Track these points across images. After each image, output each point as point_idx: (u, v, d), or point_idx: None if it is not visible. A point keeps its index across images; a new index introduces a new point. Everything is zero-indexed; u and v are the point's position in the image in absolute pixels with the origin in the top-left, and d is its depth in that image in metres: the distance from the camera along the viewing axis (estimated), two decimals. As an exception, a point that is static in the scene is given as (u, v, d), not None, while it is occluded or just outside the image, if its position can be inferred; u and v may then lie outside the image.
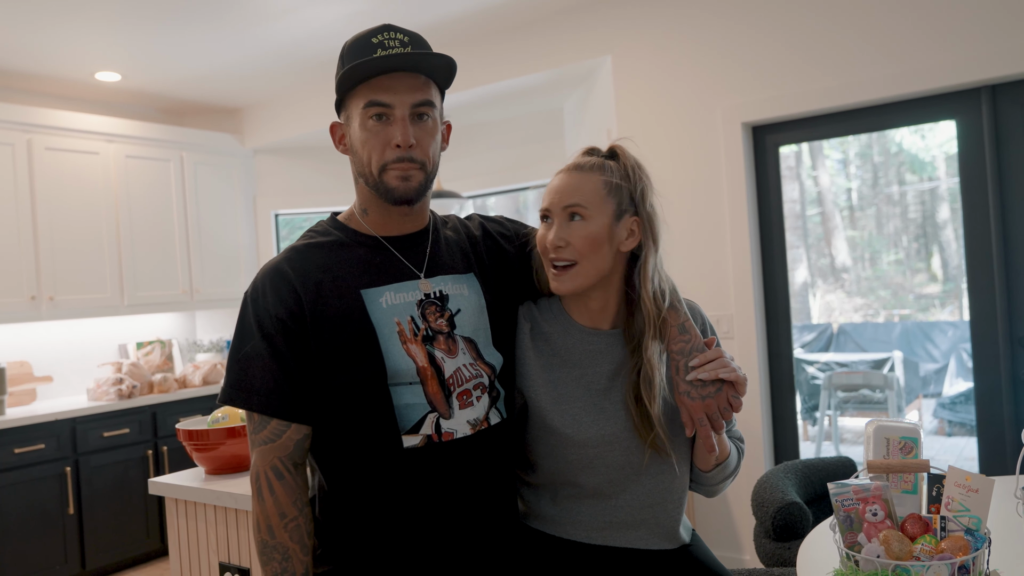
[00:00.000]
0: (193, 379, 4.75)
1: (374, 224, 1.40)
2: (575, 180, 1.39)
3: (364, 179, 1.36)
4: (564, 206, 1.38)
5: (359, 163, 1.35)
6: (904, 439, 1.43)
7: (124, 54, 4.12)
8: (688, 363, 1.35)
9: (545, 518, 1.47)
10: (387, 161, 1.31)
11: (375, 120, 1.30)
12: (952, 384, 6.12)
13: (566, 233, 1.37)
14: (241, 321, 1.33)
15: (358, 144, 1.33)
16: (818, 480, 2.49)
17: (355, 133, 1.34)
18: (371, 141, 1.31)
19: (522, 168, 4.76)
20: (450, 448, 1.32)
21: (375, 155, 1.31)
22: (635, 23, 3.66)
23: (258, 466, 1.30)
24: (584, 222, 1.37)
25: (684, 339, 1.38)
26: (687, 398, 1.33)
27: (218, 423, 2.26)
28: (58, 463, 4.03)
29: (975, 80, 2.90)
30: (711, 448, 1.36)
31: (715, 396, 1.32)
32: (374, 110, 1.30)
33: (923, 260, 6.67)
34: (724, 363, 1.34)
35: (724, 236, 3.46)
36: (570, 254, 1.37)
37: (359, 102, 1.31)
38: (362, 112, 1.31)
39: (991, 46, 2.86)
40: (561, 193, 1.38)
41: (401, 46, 1.31)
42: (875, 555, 1.22)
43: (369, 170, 1.33)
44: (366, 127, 1.31)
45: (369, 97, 1.30)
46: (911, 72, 3.00)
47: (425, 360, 1.31)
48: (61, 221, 4.34)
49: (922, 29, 3.00)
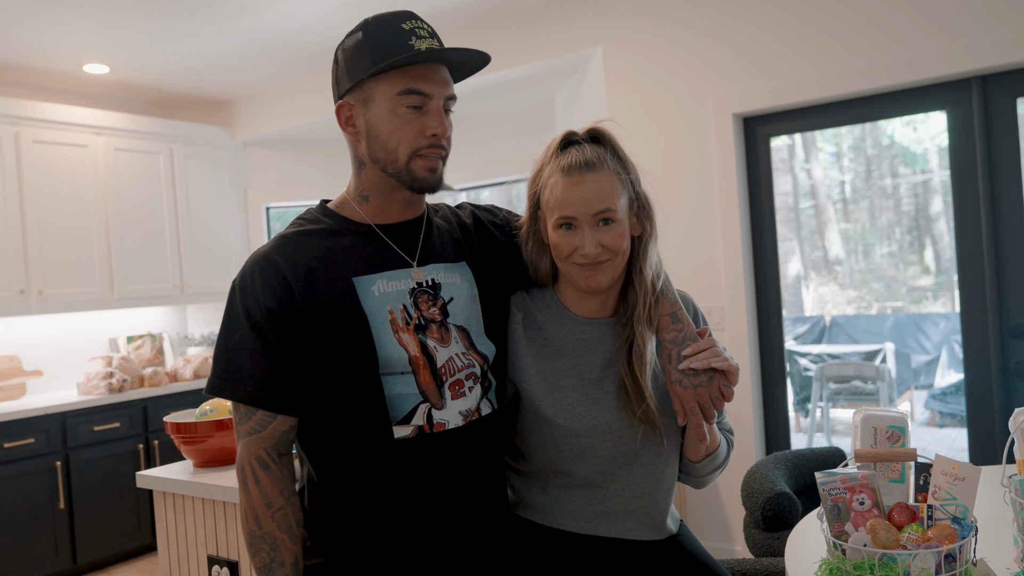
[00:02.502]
0: (184, 373, 4.73)
1: (372, 211, 1.38)
2: (595, 184, 1.34)
3: (383, 165, 1.32)
4: (594, 213, 1.34)
5: (381, 148, 1.31)
6: (891, 428, 1.43)
7: (112, 46, 4.09)
8: (680, 352, 1.35)
9: (535, 507, 1.46)
10: (419, 147, 1.30)
11: (410, 109, 1.29)
12: (943, 375, 6.15)
13: (600, 238, 1.34)
14: (229, 311, 1.31)
15: (383, 130, 1.30)
16: (808, 470, 2.49)
17: (380, 118, 1.30)
18: (403, 128, 1.29)
19: (514, 160, 4.74)
20: (441, 439, 1.31)
21: (405, 142, 1.30)
22: (626, 14, 3.65)
23: (244, 457, 1.29)
24: (615, 224, 1.35)
25: (676, 328, 1.37)
26: (679, 387, 1.33)
27: (206, 416, 2.25)
28: (48, 457, 4.01)
29: (966, 71, 2.90)
30: (702, 437, 1.35)
31: (707, 385, 1.32)
32: (412, 99, 1.28)
33: (916, 252, 6.69)
34: (716, 352, 1.33)
35: (715, 228, 3.45)
36: (606, 255, 1.36)
37: (391, 88, 1.28)
38: (395, 98, 1.28)
39: (981, 36, 2.86)
40: (588, 201, 1.33)
41: (430, 36, 1.31)
42: (862, 544, 1.21)
43: (395, 156, 1.31)
44: (398, 114, 1.29)
45: (407, 85, 1.27)
46: (902, 62, 3.00)
47: (417, 349, 1.30)
48: (50, 215, 4.31)
49: (913, 19, 2.99)
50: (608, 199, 1.34)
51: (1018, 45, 2.79)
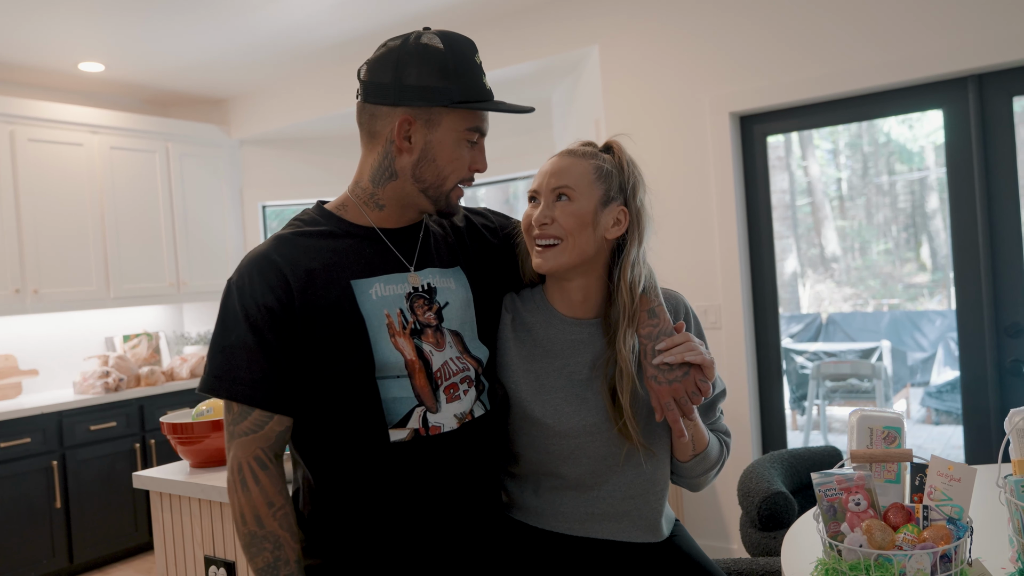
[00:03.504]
0: (180, 372, 4.73)
1: (381, 218, 1.38)
2: (565, 163, 1.40)
3: (426, 186, 1.34)
4: (552, 187, 1.39)
5: (433, 172, 1.33)
6: (887, 428, 1.43)
7: (107, 44, 4.08)
8: (655, 347, 1.35)
9: (528, 509, 1.46)
10: (464, 179, 1.36)
11: (470, 144, 1.35)
12: (940, 373, 6.16)
13: (551, 211, 1.38)
14: (224, 309, 1.30)
15: (443, 156, 1.33)
16: (804, 470, 2.50)
17: (443, 144, 1.32)
18: (461, 159, 1.34)
19: (510, 159, 4.74)
20: (437, 442, 1.31)
21: (458, 172, 1.35)
22: (622, 12, 3.64)
23: (239, 457, 1.28)
24: (570, 202, 1.38)
25: (652, 323, 1.37)
26: (654, 382, 1.33)
27: (203, 416, 2.24)
28: (44, 457, 4.00)
29: (962, 69, 2.90)
30: (680, 433, 1.35)
31: (682, 380, 1.32)
32: (476, 136, 1.35)
33: (912, 250, 6.69)
34: (691, 347, 1.33)
35: (712, 226, 3.46)
36: (555, 231, 1.37)
37: (462, 121, 1.32)
38: (464, 132, 1.33)
39: (977, 35, 2.86)
40: (550, 175, 1.40)
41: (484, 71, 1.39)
42: (858, 544, 1.22)
43: (443, 182, 1.34)
44: (461, 146, 1.34)
45: (476, 124, 1.34)
46: (898, 61, 3.00)
47: (413, 353, 1.31)
48: (45, 213, 4.30)
49: (909, 18, 2.99)
50: (570, 177, 1.39)
51: (1014, 44, 2.80)
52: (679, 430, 1.35)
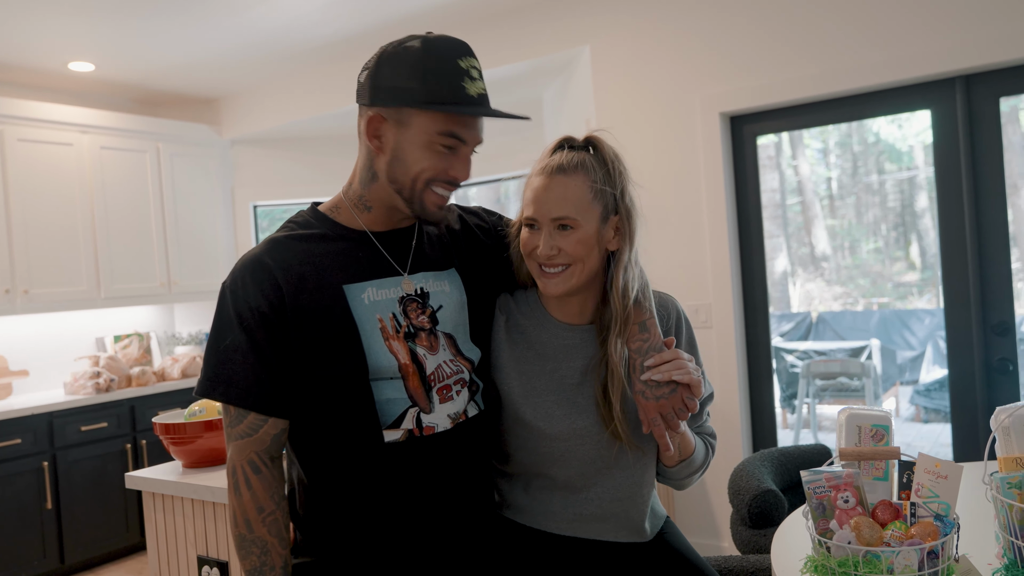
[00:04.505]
0: (172, 372, 4.72)
1: (371, 220, 1.38)
2: (560, 189, 1.34)
3: (399, 187, 1.32)
4: (552, 218, 1.34)
5: (403, 172, 1.31)
6: (875, 427, 1.45)
7: (97, 44, 4.07)
8: (644, 363, 1.35)
9: (519, 508, 1.47)
10: (437, 183, 1.31)
11: (445, 148, 1.30)
12: (929, 371, 6.19)
13: (556, 241, 1.35)
14: (219, 313, 1.31)
15: (412, 158, 1.30)
16: (794, 468, 2.51)
17: (412, 145, 1.30)
18: (431, 161, 1.29)
19: (501, 158, 4.74)
20: (431, 442, 1.32)
21: (427, 173, 1.30)
22: (613, 12, 3.66)
23: (235, 460, 1.29)
24: (574, 231, 1.35)
25: (643, 337, 1.37)
26: (642, 397, 1.33)
27: (195, 416, 2.25)
28: (35, 458, 3.99)
29: (950, 70, 2.93)
30: (665, 447, 1.36)
31: (669, 397, 1.32)
32: (450, 141, 1.29)
33: (902, 248, 6.72)
34: (679, 364, 1.33)
35: (702, 226, 3.47)
36: (562, 259, 1.35)
37: (433, 124, 1.28)
38: (435, 135, 1.28)
39: (965, 36, 2.89)
40: (548, 204, 1.35)
41: (480, 78, 1.32)
42: (846, 541, 1.23)
43: (412, 183, 1.31)
44: (432, 148, 1.29)
45: (450, 128, 1.28)
46: (887, 62, 3.02)
47: (407, 357, 1.31)
48: (35, 214, 4.28)
49: (898, 19, 3.01)
50: (569, 207, 1.34)
51: (1001, 45, 2.82)
52: (665, 444, 1.35)
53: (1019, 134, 4.52)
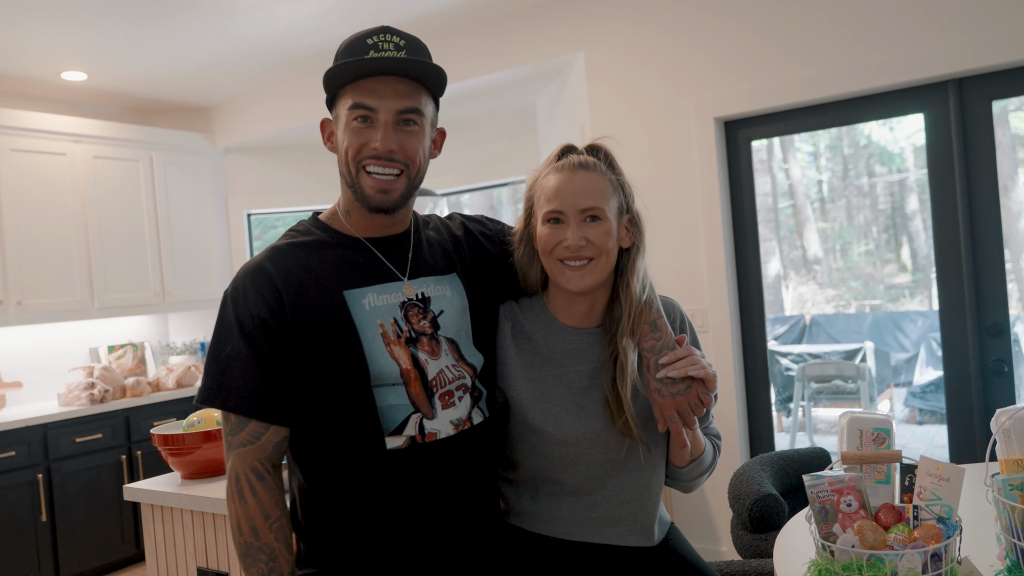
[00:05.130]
0: (167, 382, 4.70)
1: (356, 226, 1.38)
2: (585, 181, 1.37)
3: (344, 179, 1.35)
4: (582, 208, 1.36)
5: (342, 162, 1.34)
6: (877, 430, 1.46)
7: (90, 53, 4.06)
8: (658, 360, 1.36)
9: (525, 515, 1.47)
10: (362, 158, 1.30)
11: (359, 122, 1.29)
12: (922, 373, 6.22)
13: (585, 232, 1.36)
14: (221, 321, 1.31)
15: (340, 143, 1.33)
16: (793, 471, 2.52)
17: (340, 132, 1.33)
18: (351, 139, 1.30)
19: (496, 164, 4.75)
20: (433, 449, 1.32)
21: (350, 153, 1.31)
22: (607, 18, 3.67)
23: (237, 468, 1.29)
24: (601, 222, 1.37)
25: (655, 336, 1.38)
26: (657, 395, 1.34)
27: (194, 427, 2.24)
28: (29, 470, 3.96)
29: (943, 73, 2.95)
30: (682, 444, 1.37)
31: (685, 393, 1.33)
32: (359, 112, 1.29)
33: (893, 250, 6.76)
34: (694, 360, 1.34)
35: (698, 230, 3.48)
36: (589, 252, 1.37)
37: (346, 102, 1.30)
38: (347, 112, 1.30)
39: (958, 39, 2.91)
40: (576, 195, 1.36)
41: (395, 49, 1.30)
42: (850, 545, 1.23)
43: (347, 168, 1.32)
44: (350, 127, 1.30)
45: (355, 99, 1.29)
46: (880, 65, 3.04)
47: (409, 362, 1.31)
48: (28, 224, 4.26)
49: (891, 23, 3.03)
50: (597, 197, 1.37)
51: (993, 48, 2.84)
52: (682, 441, 1.37)
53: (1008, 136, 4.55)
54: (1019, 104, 4.14)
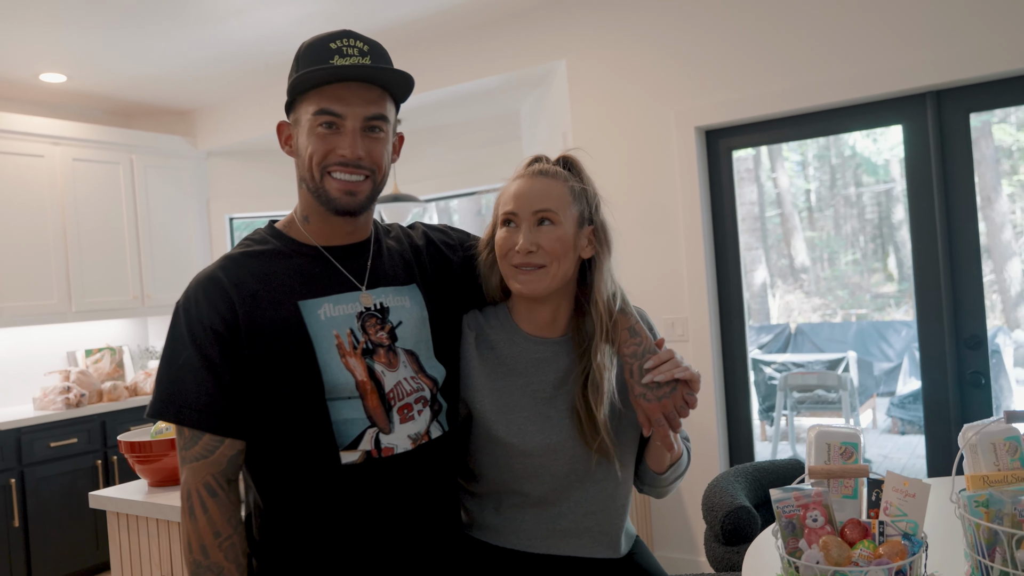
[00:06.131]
0: (144, 387, 4.65)
1: (315, 233, 1.36)
2: (542, 185, 1.38)
3: (306, 183, 1.32)
4: (534, 211, 1.36)
5: (303, 167, 1.31)
6: (844, 444, 1.44)
7: (69, 54, 4.02)
8: (642, 366, 1.35)
9: (488, 528, 1.45)
10: (328, 164, 1.28)
11: (325, 128, 1.28)
12: (905, 383, 6.23)
13: (536, 237, 1.36)
14: (172, 332, 1.28)
15: (303, 149, 1.30)
16: (768, 483, 2.51)
17: (301, 137, 1.31)
18: (316, 144, 1.28)
19: (480, 170, 4.74)
20: (390, 464, 1.29)
21: (316, 159, 1.29)
22: (590, 27, 3.66)
23: (189, 483, 1.25)
24: (554, 226, 1.36)
25: (635, 342, 1.37)
26: (643, 400, 1.33)
27: (161, 434, 2.21)
28: (2, 475, 3.91)
29: (921, 86, 2.95)
30: (670, 447, 1.36)
31: (671, 396, 1.32)
32: (324, 118, 1.27)
33: (879, 260, 6.78)
34: (677, 363, 1.34)
35: (678, 239, 3.47)
36: (540, 258, 1.36)
37: (310, 107, 1.28)
38: (312, 118, 1.28)
39: (936, 52, 2.91)
40: (530, 198, 1.37)
41: (360, 55, 1.28)
42: (815, 561, 1.22)
43: (311, 174, 1.30)
44: (315, 133, 1.28)
45: (321, 105, 1.27)
46: (860, 77, 3.04)
47: (364, 374, 1.29)
48: (5, 226, 4.21)
49: (870, 35, 3.04)
50: (551, 201, 1.37)
51: (972, 61, 2.85)
52: (670, 444, 1.35)
53: (992, 148, 4.57)
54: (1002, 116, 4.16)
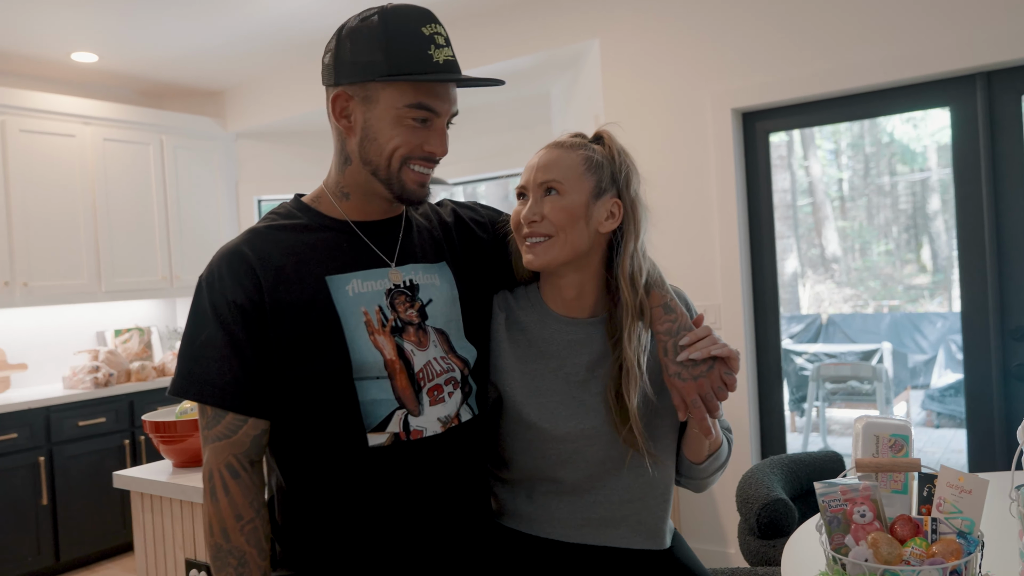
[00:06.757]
0: (172, 367, 4.67)
1: (350, 209, 1.31)
2: (552, 156, 1.34)
3: (374, 168, 1.26)
4: (540, 182, 1.32)
5: (376, 151, 1.24)
6: (894, 437, 1.37)
7: (101, 34, 4.02)
8: (677, 343, 1.28)
9: (520, 516, 1.40)
10: (413, 159, 1.24)
11: (417, 122, 1.23)
12: (940, 376, 6.10)
13: (540, 207, 1.32)
14: (195, 307, 1.23)
15: (383, 135, 1.23)
16: (804, 476, 2.43)
17: (382, 122, 1.23)
18: (404, 137, 1.23)
19: (509, 154, 4.68)
20: (419, 447, 1.24)
21: (402, 150, 1.23)
22: (624, 6, 3.58)
23: (211, 464, 1.21)
24: (559, 196, 1.31)
25: (670, 319, 1.31)
26: (678, 379, 1.26)
27: (186, 414, 2.18)
28: (31, 453, 3.94)
29: (970, 66, 2.84)
30: (707, 431, 1.27)
31: (707, 375, 1.25)
32: (421, 113, 1.22)
33: (913, 251, 6.64)
34: (715, 340, 1.28)
35: (712, 225, 3.39)
36: (545, 228, 1.31)
37: (401, 97, 1.22)
38: (404, 109, 1.22)
39: (987, 32, 2.80)
40: (538, 169, 1.33)
41: (447, 44, 1.25)
42: (863, 559, 1.16)
43: (388, 162, 1.24)
44: (403, 123, 1.22)
45: (419, 99, 1.22)
46: (905, 58, 2.94)
47: (393, 352, 1.24)
48: (36, 205, 4.23)
49: (916, 13, 2.93)
50: (558, 171, 1.32)
51: None
52: (706, 428, 1.26)
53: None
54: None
